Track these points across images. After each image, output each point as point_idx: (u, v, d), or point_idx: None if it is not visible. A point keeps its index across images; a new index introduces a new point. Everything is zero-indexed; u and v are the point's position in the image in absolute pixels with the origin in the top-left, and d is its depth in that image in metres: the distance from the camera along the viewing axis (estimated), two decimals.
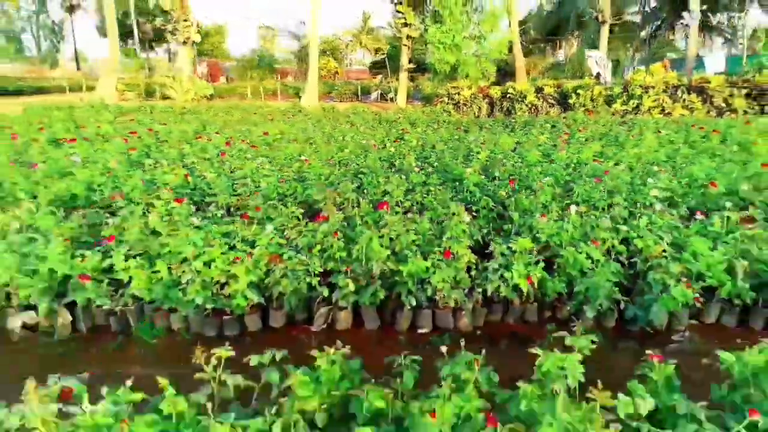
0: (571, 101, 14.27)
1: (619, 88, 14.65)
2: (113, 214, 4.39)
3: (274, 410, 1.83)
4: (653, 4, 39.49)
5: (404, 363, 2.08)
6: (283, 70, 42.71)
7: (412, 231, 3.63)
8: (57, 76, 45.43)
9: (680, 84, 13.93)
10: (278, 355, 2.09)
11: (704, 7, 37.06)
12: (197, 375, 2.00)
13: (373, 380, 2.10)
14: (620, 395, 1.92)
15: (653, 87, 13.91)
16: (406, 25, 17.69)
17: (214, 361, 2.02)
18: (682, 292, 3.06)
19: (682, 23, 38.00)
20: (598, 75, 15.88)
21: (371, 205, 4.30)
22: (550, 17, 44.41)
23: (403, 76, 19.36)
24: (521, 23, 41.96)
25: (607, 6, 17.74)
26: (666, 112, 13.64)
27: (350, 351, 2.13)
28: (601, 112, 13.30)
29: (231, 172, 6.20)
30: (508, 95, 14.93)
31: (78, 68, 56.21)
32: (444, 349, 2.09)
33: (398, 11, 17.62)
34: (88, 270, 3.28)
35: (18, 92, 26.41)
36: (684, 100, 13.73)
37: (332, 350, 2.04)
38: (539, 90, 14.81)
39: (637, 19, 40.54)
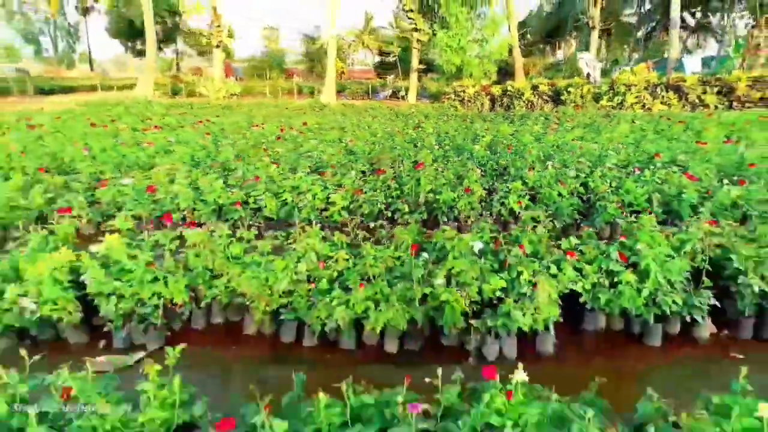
0: (563, 98, 16.14)
1: (606, 86, 16.48)
2: (229, 172, 6.26)
3: (388, 242, 3.68)
4: (648, 6, 41.42)
5: (448, 228, 3.93)
6: (290, 70, 44.59)
7: (442, 177, 5.48)
8: (74, 76, 47.35)
9: (659, 82, 15.76)
10: (383, 224, 3.95)
11: (698, 8, 38.91)
12: (344, 229, 3.85)
13: None
14: (562, 240, 3.76)
15: (635, 85, 15.75)
16: (416, 30, 19.57)
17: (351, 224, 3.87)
18: (614, 209, 4.90)
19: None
20: (588, 75, 17.71)
21: (411, 165, 6.16)
22: (550, 18, 45.99)
23: (414, 75, 21.32)
24: (522, 24, 43.77)
25: (596, 13, 19.60)
26: (646, 107, 15.48)
27: None
28: (588, 107, 15.16)
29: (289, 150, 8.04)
30: (507, 92, 16.81)
31: (91, 68, 58.19)
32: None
33: (410, 18, 19.49)
34: (238, 199, 5.13)
35: (50, 91, 28.24)
36: (663, 96, 15.56)
37: (412, 221, 3.90)
38: (535, 88, 16.68)
39: (634, 20, 42.44)
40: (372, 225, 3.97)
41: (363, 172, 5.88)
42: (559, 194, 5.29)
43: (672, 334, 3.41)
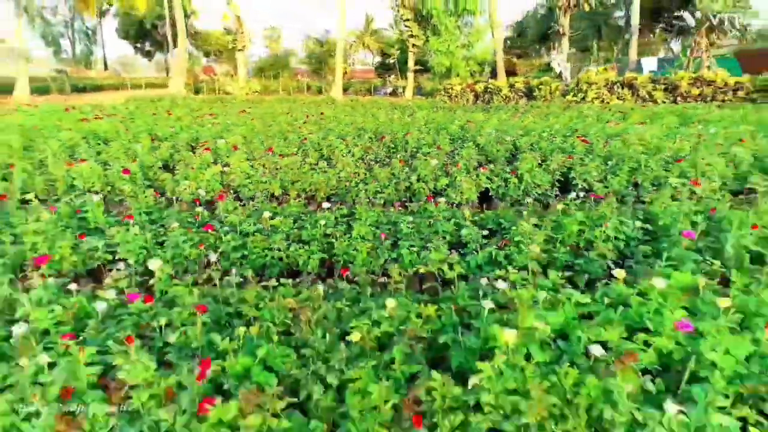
0: (535, 94, 19.12)
1: (573, 83, 19.44)
2: (281, 140, 9.21)
3: (387, 167, 6.65)
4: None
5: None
6: (296, 70, 47.65)
7: (422, 140, 8.48)
8: (93, 76, 50.29)
9: (616, 81, 18.73)
10: (385, 160, 6.93)
11: (681, 12, 41.86)
12: (361, 162, 6.83)
13: None
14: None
15: (596, 83, 18.72)
16: (412, 36, 22.61)
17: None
18: (532, 158, 7.86)
19: (660, 27, 43.29)
20: (560, 74, 20.64)
21: (403, 135, 9.14)
22: (545, 20, 48.63)
23: (410, 75, 24.39)
24: (519, 24, 46.45)
25: (566, 22, 22.66)
26: (605, 101, 18.43)
27: None
28: (555, 101, 18.13)
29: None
30: (488, 89, 19.79)
31: (105, 68, 61.26)
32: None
33: (406, 26, 22.54)
34: (293, 151, 8.09)
35: (83, 89, 31.22)
36: (618, 92, 18.53)
37: (400, 157, 6.89)
38: (512, 85, 19.65)
39: (623, 23, 45.45)
40: (376, 160, 6.96)
41: (371, 138, 8.86)
42: (497, 150, 8.26)
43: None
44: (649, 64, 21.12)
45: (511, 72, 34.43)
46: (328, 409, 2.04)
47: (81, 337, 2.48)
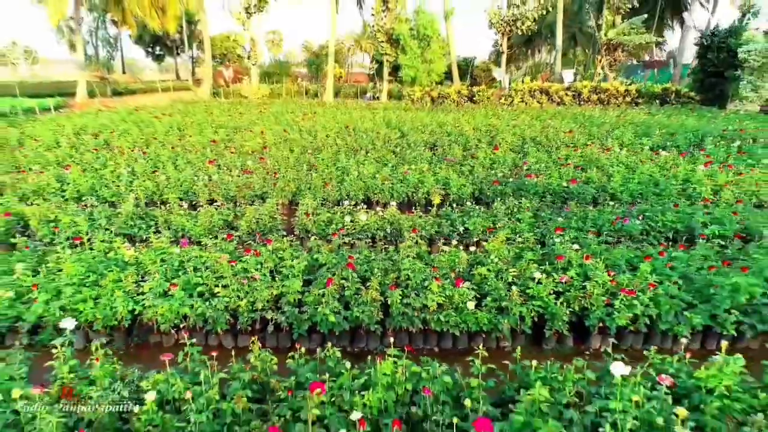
0: (475, 98, 25.41)
1: (507, 90, 25.73)
2: (291, 125, 15.56)
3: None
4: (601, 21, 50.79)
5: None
6: (296, 73, 53.96)
7: (369, 127, 14.85)
8: (119, 80, 56.49)
9: (536, 88, 25.03)
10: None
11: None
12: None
13: None
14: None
15: (522, 90, 25.04)
16: (386, 53, 28.98)
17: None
18: (421, 132, 14.17)
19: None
20: (500, 82, 26.79)
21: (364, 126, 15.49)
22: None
23: (386, 83, 30.72)
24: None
25: (504, 41, 28.93)
26: (527, 104, 24.72)
27: None
28: (488, 105, 24.42)
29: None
30: (441, 95, 26.02)
31: (123, 72, 67.73)
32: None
33: (381, 46, 28.87)
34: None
35: (120, 93, 37.46)
36: (538, 97, 24.85)
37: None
38: (459, 92, 25.90)
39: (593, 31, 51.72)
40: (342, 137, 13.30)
41: (341, 127, 15.16)
42: (410, 130, 14.54)
43: None
44: (568, 75, 27.33)
45: (492, 78, 41.12)
46: None
47: None
